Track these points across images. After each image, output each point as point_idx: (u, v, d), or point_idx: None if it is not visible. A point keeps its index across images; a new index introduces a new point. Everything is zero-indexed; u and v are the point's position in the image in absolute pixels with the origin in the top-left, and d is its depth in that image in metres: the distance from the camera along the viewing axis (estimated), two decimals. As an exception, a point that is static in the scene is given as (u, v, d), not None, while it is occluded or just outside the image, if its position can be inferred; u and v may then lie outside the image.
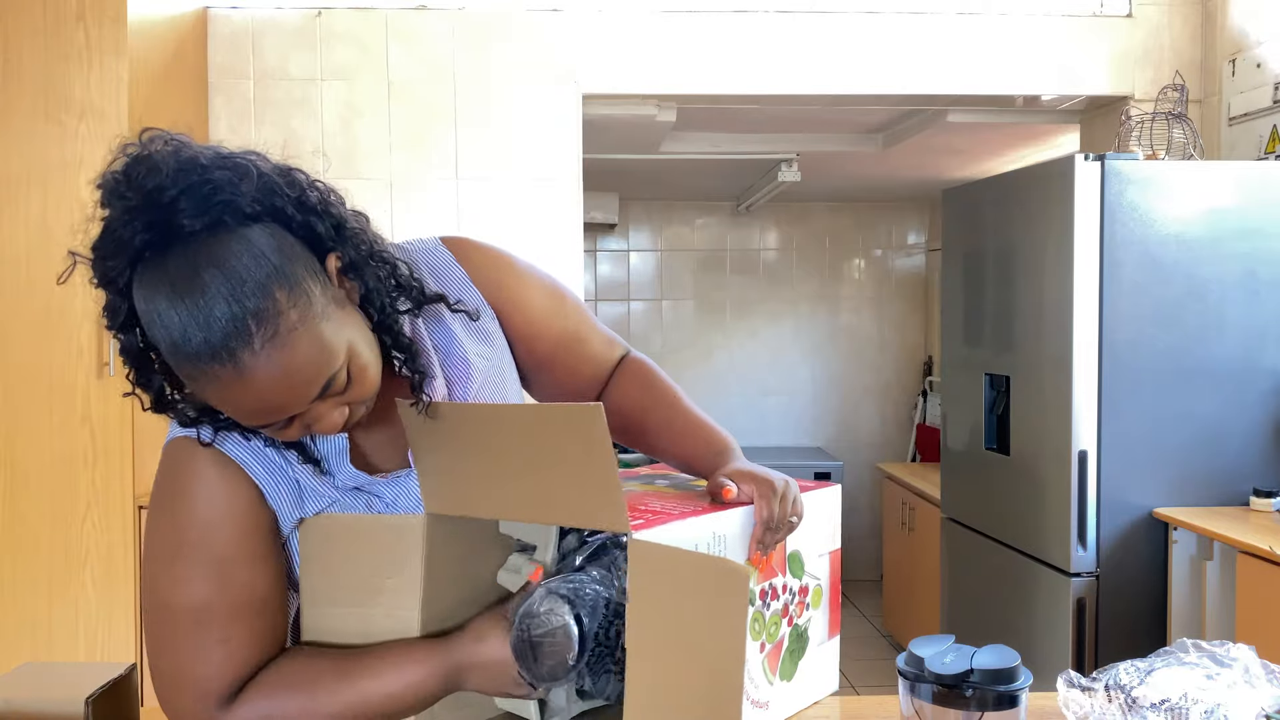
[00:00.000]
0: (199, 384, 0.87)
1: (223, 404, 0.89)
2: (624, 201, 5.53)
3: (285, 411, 0.90)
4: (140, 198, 0.85)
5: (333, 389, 0.91)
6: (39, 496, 2.72)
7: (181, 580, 0.97)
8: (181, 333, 0.84)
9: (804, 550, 1.09)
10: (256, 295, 0.85)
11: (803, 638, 1.08)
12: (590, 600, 0.95)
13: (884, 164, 4.56)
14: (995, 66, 3.39)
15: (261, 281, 0.85)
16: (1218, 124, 3.28)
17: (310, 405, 0.92)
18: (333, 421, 0.93)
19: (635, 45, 3.33)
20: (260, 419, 0.91)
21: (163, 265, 0.86)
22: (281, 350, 0.86)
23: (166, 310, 0.85)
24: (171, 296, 0.84)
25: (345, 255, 0.95)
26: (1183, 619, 2.68)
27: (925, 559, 4.06)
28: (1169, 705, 0.92)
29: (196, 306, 0.84)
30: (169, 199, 0.85)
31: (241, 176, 0.88)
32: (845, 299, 5.83)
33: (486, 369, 1.12)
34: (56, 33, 2.70)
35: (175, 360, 0.87)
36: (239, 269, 0.85)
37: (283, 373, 0.87)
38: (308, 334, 0.88)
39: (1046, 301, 2.81)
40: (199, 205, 0.85)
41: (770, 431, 5.73)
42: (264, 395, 0.87)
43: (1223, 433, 2.74)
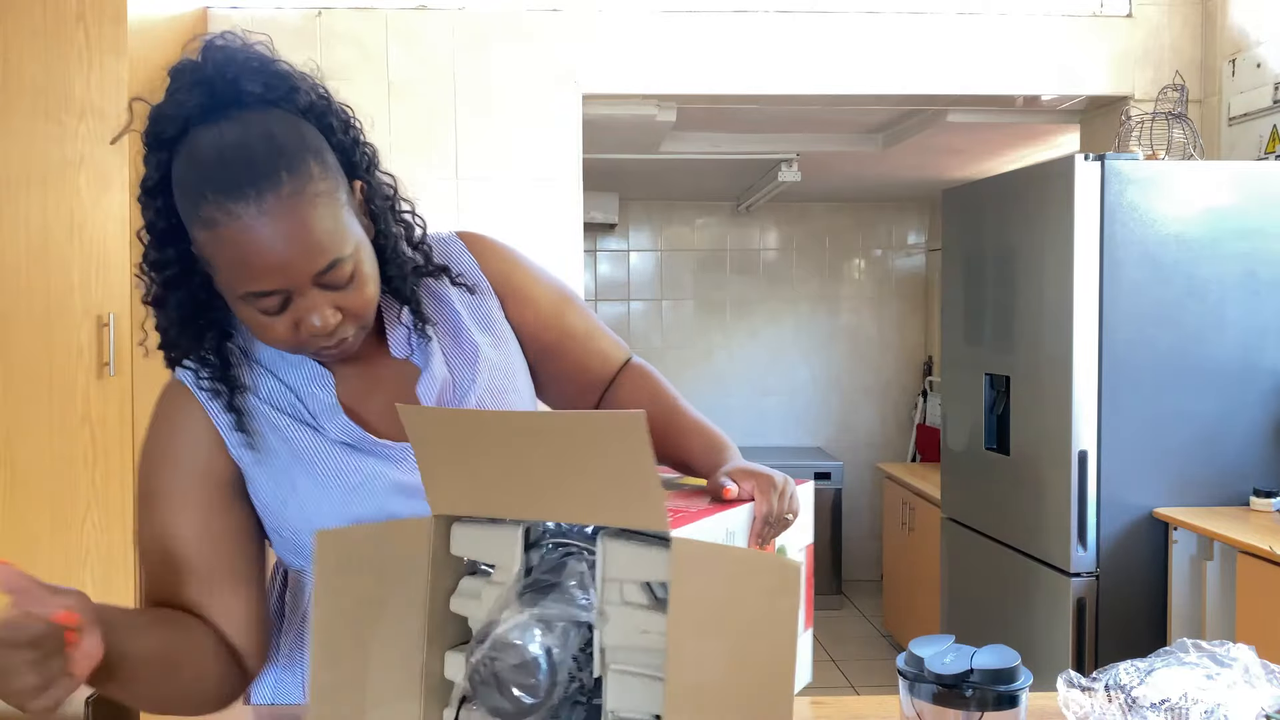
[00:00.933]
0: (215, 232, 0.90)
1: (232, 257, 0.90)
2: (624, 201, 5.53)
3: (286, 278, 0.91)
4: (212, 69, 0.93)
5: (334, 275, 0.94)
6: (39, 496, 2.72)
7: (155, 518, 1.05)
8: (218, 167, 0.89)
9: (788, 545, 1.11)
10: (294, 156, 0.91)
11: None
12: (561, 628, 0.91)
13: (884, 164, 4.56)
14: (995, 66, 3.39)
15: (301, 149, 0.92)
16: (1218, 124, 3.28)
17: (308, 289, 0.93)
18: (324, 319, 0.94)
19: (635, 45, 3.33)
20: (260, 282, 0.91)
21: (216, 123, 0.92)
22: (304, 206, 0.90)
23: (210, 151, 0.90)
24: (218, 141, 0.91)
25: (370, 189, 1.02)
26: (1183, 619, 2.68)
27: (925, 559, 4.06)
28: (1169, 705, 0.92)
29: (240, 149, 0.90)
30: (234, 74, 0.93)
31: (303, 78, 0.98)
32: (845, 299, 5.83)
33: (494, 357, 1.14)
34: (56, 33, 2.70)
35: (201, 200, 0.89)
36: (284, 133, 0.92)
37: (298, 227, 0.90)
38: (329, 206, 0.93)
39: (1046, 301, 2.81)
40: (262, 81, 0.94)
41: (770, 431, 5.73)
42: (273, 248, 0.89)
43: (1223, 433, 2.74)
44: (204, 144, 0.91)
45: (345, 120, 1.01)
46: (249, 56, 0.95)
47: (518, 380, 1.17)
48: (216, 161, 0.90)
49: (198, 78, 0.94)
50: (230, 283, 0.93)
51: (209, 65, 0.94)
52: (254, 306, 0.94)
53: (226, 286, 0.95)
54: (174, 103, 0.94)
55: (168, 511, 1.04)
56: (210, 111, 0.93)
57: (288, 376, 1.07)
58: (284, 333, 0.96)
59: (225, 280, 0.94)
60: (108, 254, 2.72)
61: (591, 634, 0.94)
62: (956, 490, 3.43)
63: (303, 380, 1.07)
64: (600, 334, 1.26)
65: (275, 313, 0.94)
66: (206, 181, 0.90)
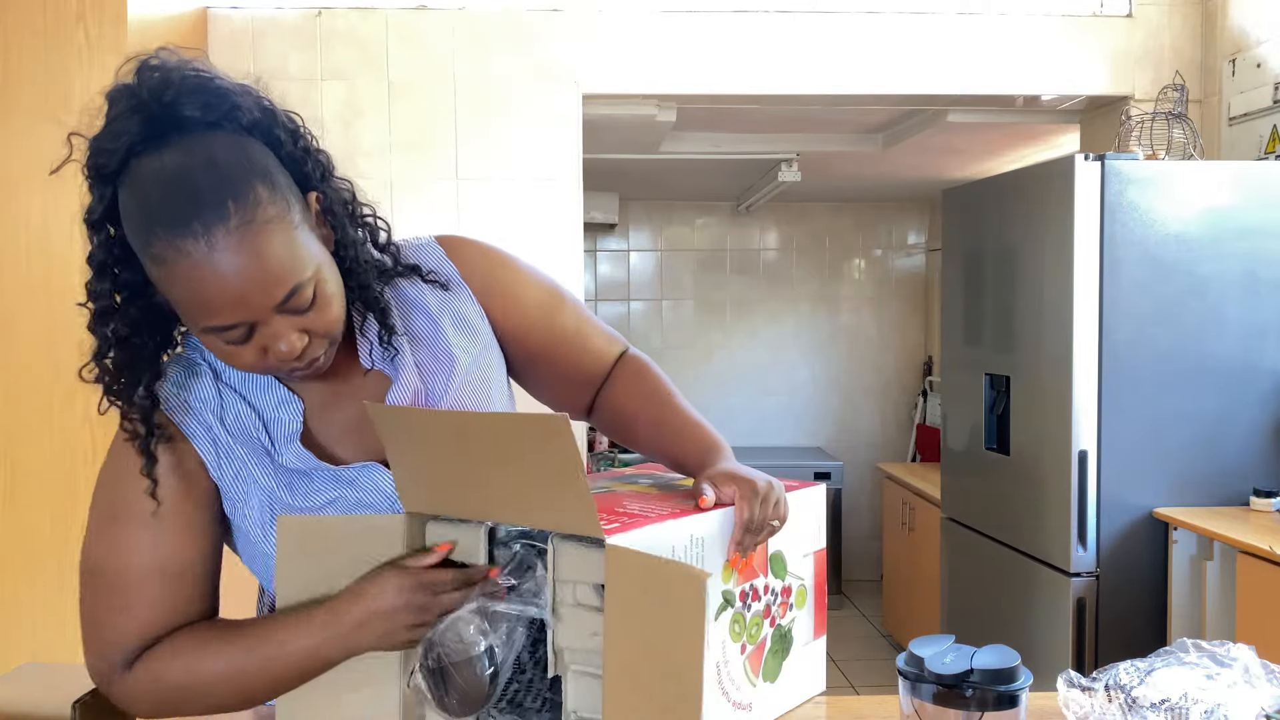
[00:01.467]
0: (167, 268, 0.87)
1: (187, 294, 0.88)
2: (624, 201, 5.53)
3: (246, 310, 0.89)
4: (147, 93, 0.90)
5: (295, 301, 0.91)
6: (39, 496, 2.72)
7: (105, 543, 1.00)
8: (162, 203, 0.86)
9: (786, 551, 1.08)
10: (240, 183, 0.88)
11: (786, 638, 1.08)
12: (507, 627, 0.91)
13: (884, 164, 4.56)
14: (995, 66, 3.39)
15: (247, 174, 0.89)
16: (1218, 124, 3.28)
17: (271, 317, 0.91)
18: (290, 345, 0.93)
19: (635, 45, 3.33)
20: (220, 317, 0.89)
21: (157, 153, 0.89)
22: (254, 236, 0.87)
23: (153, 185, 0.87)
24: (160, 173, 0.88)
25: (326, 198, 0.99)
26: (1183, 619, 2.68)
27: (925, 559, 4.06)
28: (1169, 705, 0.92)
29: (182, 181, 0.87)
30: (172, 97, 0.90)
31: (245, 93, 0.94)
32: (845, 299, 5.83)
33: (469, 364, 1.11)
34: (56, 33, 2.70)
35: (150, 237, 0.87)
36: (227, 160, 0.89)
37: (251, 260, 0.87)
38: (282, 232, 0.90)
39: (1046, 301, 2.81)
40: (202, 103, 0.90)
41: (770, 431, 5.73)
42: (228, 283, 0.87)
43: (1223, 433, 2.74)
44: (146, 177, 0.89)
45: (293, 131, 0.97)
46: (185, 76, 0.91)
47: (492, 386, 1.14)
48: (160, 196, 0.87)
49: (134, 104, 0.90)
50: (190, 318, 0.92)
51: (144, 90, 0.90)
52: (219, 338, 0.92)
53: (188, 321, 0.93)
54: (111, 133, 0.90)
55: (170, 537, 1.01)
56: (150, 140, 0.90)
57: (256, 400, 1.04)
58: (252, 360, 0.94)
59: (185, 316, 0.92)
60: (108, 254, 2.72)
61: (542, 633, 0.94)
62: (956, 490, 3.43)
63: (271, 404, 1.04)
64: (593, 330, 1.23)
65: (241, 342, 0.92)
66: (152, 218, 0.87)
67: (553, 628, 0.93)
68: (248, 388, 1.04)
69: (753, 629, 1.02)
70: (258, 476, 1.03)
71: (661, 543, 0.92)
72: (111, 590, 0.99)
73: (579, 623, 0.92)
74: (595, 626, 0.90)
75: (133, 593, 0.98)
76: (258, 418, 1.03)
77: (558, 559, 0.92)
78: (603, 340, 1.24)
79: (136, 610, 0.98)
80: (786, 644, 1.08)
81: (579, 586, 0.92)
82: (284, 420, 1.03)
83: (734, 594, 0.99)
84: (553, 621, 0.93)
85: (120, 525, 0.99)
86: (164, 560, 0.99)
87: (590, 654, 0.91)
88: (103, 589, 0.99)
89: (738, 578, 1.00)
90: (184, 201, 0.86)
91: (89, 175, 0.92)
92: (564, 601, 0.92)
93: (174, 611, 1.00)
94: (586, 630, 0.91)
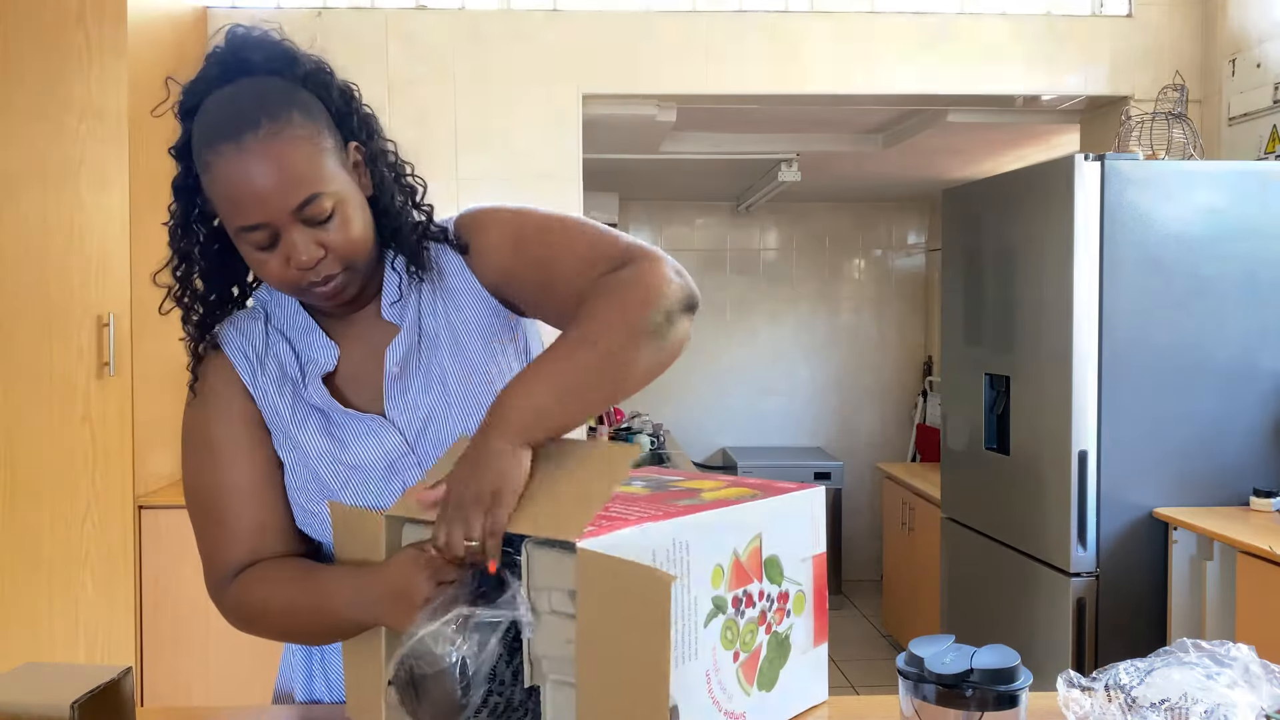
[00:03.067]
0: (209, 174, 1.00)
1: (221, 193, 1.00)
2: (624, 201, 5.53)
3: (266, 210, 0.99)
4: (227, 48, 1.06)
5: (312, 210, 1.00)
6: (39, 496, 2.72)
7: (192, 469, 1.13)
8: (213, 119, 1.01)
9: (783, 555, 1.04)
10: (276, 104, 1.01)
11: (784, 645, 1.04)
12: (479, 638, 0.90)
13: (884, 164, 4.56)
14: (995, 66, 3.39)
15: (286, 102, 1.02)
16: (1218, 124, 3.28)
17: (290, 224, 1.00)
18: (309, 254, 1.01)
19: (635, 45, 3.33)
20: (245, 216, 0.99)
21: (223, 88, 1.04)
22: (279, 145, 0.99)
23: (211, 108, 1.02)
24: (218, 99, 1.03)
25: (368, 150, 1.09)
26: (1183, 619, 2.68)
27: (925, 559, 4.06)
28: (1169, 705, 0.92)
29: (231, 102, 1.02)
30: (244, 48, 1.05)
31: (306, 56, 1.08)
32: (845, 299, 5.83)
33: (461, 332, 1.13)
34: (56, 33, 2.70)
35: (201, 147, 1.01)
36: (272, 90, 1.03)
37: (273, 163, 0.98)
38: (308, 146, 1.01)
39: (1046, 301, 2.81)
40: (265, 53, 1.05)
41: (770, 431, 5.73)
42: (252, 181, 0.98)
43: (1223, 433, 2.74)
44: (209, 105, 1.03)
45: (346, 93, 1.10)
46: (261, 35, 1.07)
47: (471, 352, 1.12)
48: (213, 114, 1.02)
49: (216, 57, 1.06)
50: (226, 219, 1.02)
51: (227, 46, 1.06)
52: (249, 243, 1.02)
53: (226, 226, 1.03)
54: (197, 79, 1.06)
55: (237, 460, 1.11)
56: (221, 81, 1.04)
57: (297, 341, 1.13)
58: (277, 269, 1.02)
59: (223, 219, 1.03)
60: (108, 254, 2.72)
61: (517, 643, 0.93)
62: (956, 490, 3.43)
63: (310, 346, 1.13)
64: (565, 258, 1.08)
65: (266, 248, 1.01)
66: (203, 131, 1.01)
67: (529, 636, 0.92)
68: (293, 331, 1.13)
69: (746, 636, 0.99)
70: (280, 407, 1.11)
71: (640, 546, 0.88)
72: (206, 511, 1.11)
73: (555, 630, 0.90)
74: (571, 634, 0.89)
75: (224, 510, 1.09)
76: (295, 357, 1.12)
77: (532, 566, 0.91)
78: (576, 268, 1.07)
79: (230, 524, 1.09)
80: (784, 651, 1.04)
81: (554, 593, 0.90)
82: (319, 361, 1.12)
83: (725, 600, 0.96)
84: (528, 630, 0.91)
85: (202, 453, 1.11)
86: (239, 478, 1.09)
87: (567, 662, 0.90)
88: (198, 511, 1.12)
89: (730, 582, 0.96)
90: (228, 115, 1.00)
91: (177, 113, 1.06)
92: (540, 609, 0.91)
93: (264, 524, 1.10)
94: (562, 638, 0.90)
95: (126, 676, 1.04)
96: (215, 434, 1.11)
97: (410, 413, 1.10)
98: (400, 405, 1.10)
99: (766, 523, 1.00)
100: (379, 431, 1.09)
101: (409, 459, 1.09)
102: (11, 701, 0.97)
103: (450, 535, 0.92)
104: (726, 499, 1.01)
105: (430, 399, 1.10)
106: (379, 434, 1.09)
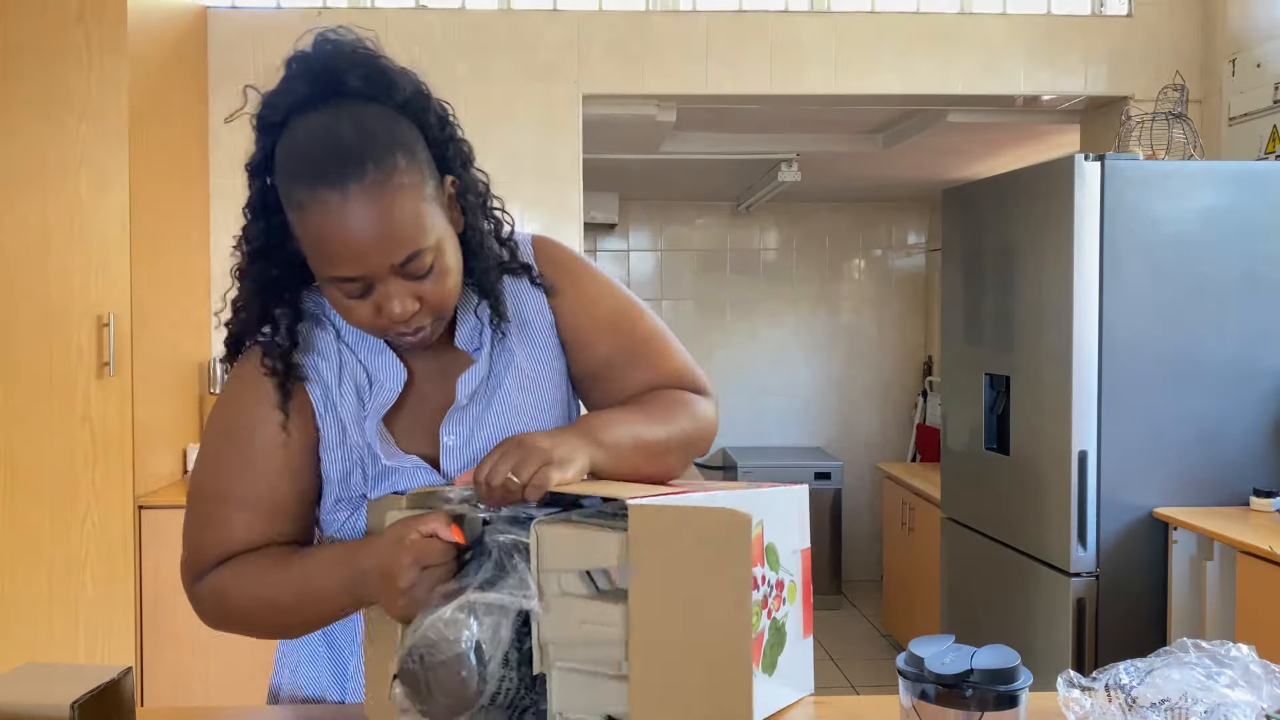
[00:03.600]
0: (304, 214, 0.95)
1: (318, 241, 0.96)
2: (624, 201, 5.53)
3: (366, 265, 0.95)
4: (317, 61, 0.99)
5: (414, 266, 0.97)
6: (39, 496, 2.72)
7: (210, 464, 1.09)
8: (310, 153, 0.95)
9: (779, 545, 1.06)
10: (382, 149, 0.95)
11: (781, 632, 1.07)
12: (491, 621, 0.87)
13: (884, 164, 4.56)
14: (995, 66, 3.39)
15: (390, 143, 0.96)
16: (1218, 124, 3.28)
17: (389, 277, 0.97)
18: (404, 307, 0.98)
19: (635, 45, 3.33)
20: (343, 268, 0.96)
21: (316, 111, 0.98)
22: (386, 197, 0.94)
23: (305, 137, 0.96)
24: (314, 128, 0.97)
25: (462, 184, 1.06)
26: (1183, 619, 2.68)
27: (925, 559, 4.06)
28: (1169, 705, 0.92)
29: (331, 137, 0.95)
30: (339, 66, 0.99)
31: (404, 75, 1.02)
32: (845, 299, 5.83)
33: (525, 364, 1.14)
34: (56, 33, 2.70)
35: (295, 183, 0.95)
36: (375, 127, 0.97)
37: (379, 218, 0.94)
38: (411, 198, 0.96)
39: (1046, 301, 2.81)
40: (363, 75, 0.99)
41: (770, 431, 5.73)
42: (354, 235, 0.94)
43: (1223, 433, 2.74)
44: (301, 130, 0.97)
45: (442, 118, 1.05)
46: (354, 50, 1.01)
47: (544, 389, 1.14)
48: (308, 148, 0.96)
49: (305, 69, 0.99)
50: (318, 265, 0.98)
51: (316, 58, 1.00)
52: (339, 290, 0.99)
53: (315, 268, 1.00)
54: (281, 91, 1.00)
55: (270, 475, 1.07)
56: (312, 101, 0.98)
57: (368, 361, 1.10)
58: (367, 317, 1.00)
59: (314, 263, 0.99)
60: (108, 254, 2.72)
61: (527, 628, 0.91)
62: (956, 490, 3.43)
63: (380, 367, 1.10)
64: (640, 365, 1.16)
65: (358, 296, 0.99)
66: (298, 166, 0.96)
67: (538, 620, 0.90)
68: (363, 349, 1.10)
69: (753, 618, 1.01)
70: (346, 435, 1.08)
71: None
72: (208, 507, 1.08)
73: (566, 613, 0.89)
74: (584, 615, 0.88)
75: (229, 514, 1.06)
76: (366, 377, 1.09)
77: (542, 547, 0.90)
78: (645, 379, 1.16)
79: (227, 531, 1.06)
80: (781, 638, 1.07)
81: (565, 575, 0.89)
82: (387, 387, 1.09)
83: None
84: (538, 614, 0.89)
85: (229, 452, 1.08)
86: (261, 494, 1.06)
87: (579, 646, 0.88)
88: (200, 503, 1.09)
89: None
90: (329, 155, 0.94)
91: (256, 126, 1.01)
92: (549, 592, 0.89)
93: (262, 540, 1.07)
94: (574, 620, 0.88)
95: (126, 676, 1.04)
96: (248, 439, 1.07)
97: (463, 445, 1.10)
98: (455, 435, 1.10)
99: (765, 512, 1.03)
100: (414, 476, 1.08)
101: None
102: (11, 701, 0.97)
103: (498, 465, 0.93)
104: (727, 488, 1.05)
105: (485, 435, 1.10)
106: (415, 478, 1.08)
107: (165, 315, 2.95)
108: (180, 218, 3.11)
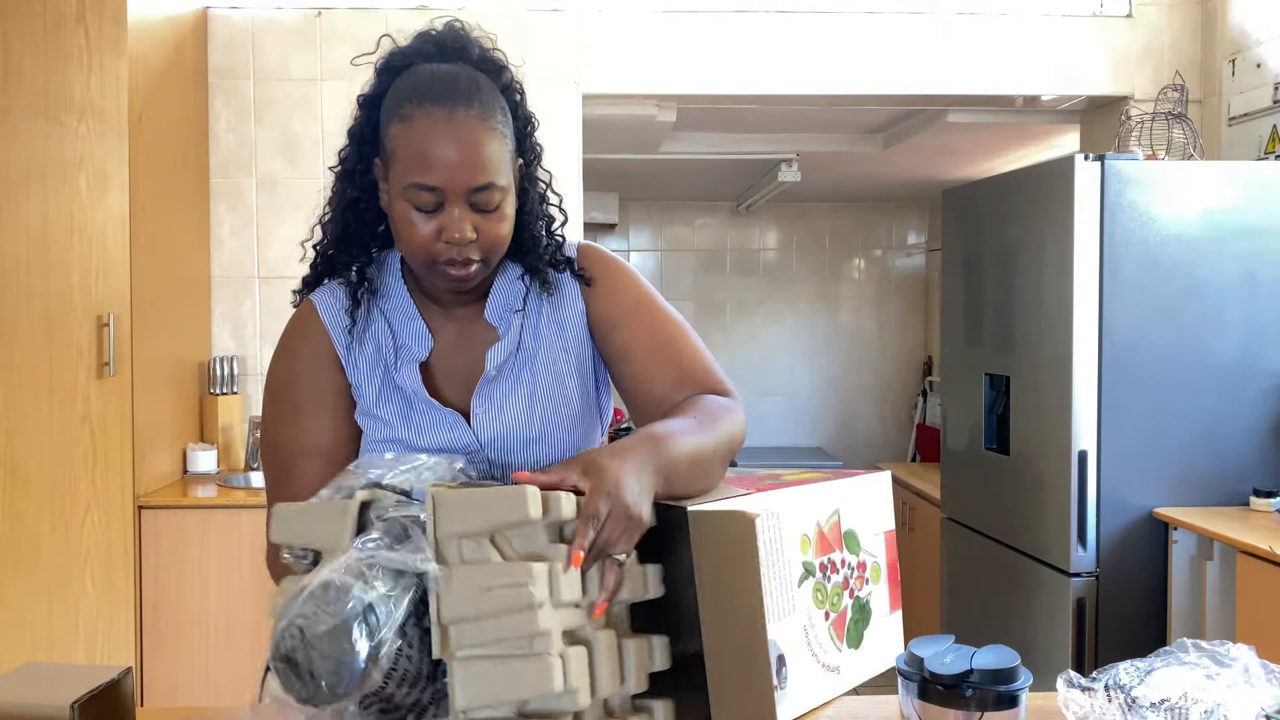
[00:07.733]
0: (409, 124, 1.06)
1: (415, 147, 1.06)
2: (624, 201, 5.53)
3: (448, 178, 1.05)
4: (447, 34, 1.15)
5: (484, 197, 1.07)
6: (39, 496, 2.72)
7: (270, 419, 1.19)
8: (431, 83, 1.08)
9: (859, 530, 1.13)
10: (488, 97, 1.10)
11: (865, 609, 1.14)
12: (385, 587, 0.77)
13: (884, 164, 4.56)
14: (995, 66, 3.39)
15: (493, 98, 1.11)
16: (1218, 124, 3.28)
17: (460, 201, 1.06)
18: (462, 233, 1.07)
19: (635, 45, 3.33)
20: (428, 175, 1.05)
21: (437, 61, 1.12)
22: (481, 129, 1.07)
23: (428, 71, 1.10)
24: (436, 68, 1.11)
25: (526, 172, 1.18)
26: (1183, 619, 2.68)
27: (925, 559, 4.06)
28: (1169, 705, 0.92)
29: (451, 75, 1.09)
30: (466, 43, 1.15)
31: (512, 71, 1.17)
32: (845, 299, 5.82)
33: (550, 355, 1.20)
34: (56, 33, 2.70)
35: (407, 102, 1.07)
36: (486, 85, 1.11)
37: (472, 142, 1.06)
38: (500, 143, 1.09)
39: (1046, 301, 2.81)
40: (483, 56, 1.15)
41: (770, 432, 5.73)
42: (448, 149, 1.05)
43: (1223, 433, 2.74)
44: (424, 68, 1.11)
45: (526, 117, 1.18)
46: (480, 36, 1.17)
47: (566, 378, 1.19)
48: (430, 78, 1.09)
49: (436, 36, 1.15)
50: (403, 172, 1.07)
51: (447, 30, 1.15)
52: (413, 200, 1.06)
53: (397, 178, 1.07)
54: (411, 47, 1.15)
55: (318, 422, 1.16)
56: (437, 58, 1.13)
57: (397, 325, 1.19)
58: (428, 235, 1.07)
59: (399, 171, 1.07)
60: (108, 254, 2.72)
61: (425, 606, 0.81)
62: (956, 490, 3.43)
63: (408, 333, 1.18)
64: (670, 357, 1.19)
65: (428, 211, 1.07)
66: (416, 89, 1.08)
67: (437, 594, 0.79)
68: (395, 316, 1.19)
69: (834, 598, 1.08)
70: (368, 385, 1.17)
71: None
72: (277, 467, 1.17)
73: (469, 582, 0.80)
74: (488, 581, 0.79)
75: (293, 470, 1.15)
76: (393, 339, 1.18)
77: (439, 512, 0.81)
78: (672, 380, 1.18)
79: (295, 487, 1.13)
80: (866, 615, 1.14)
81: (464, 541, 0.81)
82: (413, 349, 1.18)
83: (814, 565, 1.05)
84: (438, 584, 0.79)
85: (284, 407, 1.17)
86: (319, 442, 1.15)
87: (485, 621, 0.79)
88: (270, 465, 1.18)
89: (816, 549, 1.06)
90: (446, 85, 1.08)
91: (379, 67, 1.14)
92: (449, 559, 0.81)
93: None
94: (478, 587, 0.79)
95: (126, 676, 1.04)
96: (300, 396, 1.17)
97: (493, 415, 1.16)
98: (485, 405, 1.16)
99: (843, 500, 1.11)
100: (456, 427, 1.15)
101: (477, 457, 1.15)
102: (11, 701, 0.97)
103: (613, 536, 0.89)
104: (805, 480, 1.12)
105: (515, 408, 1.16)
106: (455, 429, 1.15)
107: (165, 315, 2.95)
108: (180, 218, 3.11)
